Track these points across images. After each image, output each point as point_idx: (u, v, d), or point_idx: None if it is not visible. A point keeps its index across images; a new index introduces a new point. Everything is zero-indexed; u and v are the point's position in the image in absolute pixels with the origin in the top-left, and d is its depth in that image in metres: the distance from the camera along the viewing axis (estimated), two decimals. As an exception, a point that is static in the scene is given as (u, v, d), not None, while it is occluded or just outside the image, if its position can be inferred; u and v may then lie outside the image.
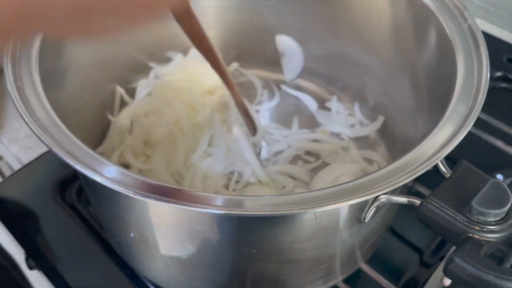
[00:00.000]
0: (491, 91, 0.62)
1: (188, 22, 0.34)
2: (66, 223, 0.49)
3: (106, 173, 0.27)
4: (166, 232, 0.32)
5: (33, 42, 0.34)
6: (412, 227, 0.50)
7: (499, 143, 0.55)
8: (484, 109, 0.59)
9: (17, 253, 0.52)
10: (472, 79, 0.34)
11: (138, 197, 0.25)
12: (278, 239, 0.31)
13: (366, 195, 0.26)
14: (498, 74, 0.64)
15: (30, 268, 0.52)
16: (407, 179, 0.28)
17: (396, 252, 0.49)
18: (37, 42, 0.34)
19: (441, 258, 0.47)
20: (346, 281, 0.43)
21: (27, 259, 0.51)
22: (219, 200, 0.26)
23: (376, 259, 0.46)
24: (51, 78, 0.34)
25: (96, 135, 0.49)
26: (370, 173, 0.28)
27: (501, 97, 0.63)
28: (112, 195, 0.32)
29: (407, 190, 0.41)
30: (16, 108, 0.30)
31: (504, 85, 0.64)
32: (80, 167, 0.27)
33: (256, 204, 0.26)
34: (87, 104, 0.45)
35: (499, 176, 0.54)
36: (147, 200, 0.25)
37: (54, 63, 0.37)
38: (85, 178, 0.33)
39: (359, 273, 0.45)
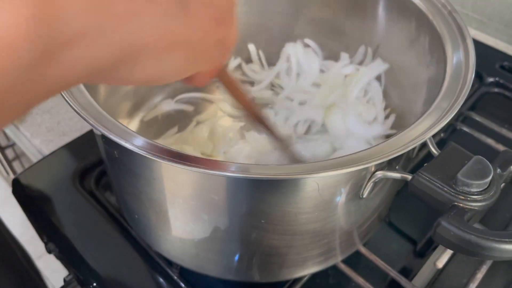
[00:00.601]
0: (485, 95, 0.67)
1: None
2: (85, 208, 0.53)
3: (136, 143, 0.30)
4: (184, 202, 0.35)
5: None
6: (407, 221, 0.54)
7: (490, 141, 0.59)
8: (477, 111, 0.64)
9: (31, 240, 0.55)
10: (459, 74, 0.38)
11: (163, 161, 0.29)
12: (284, 209, 0.34)
13: (363, 164, 0.30)
14: (491, 79, 0.68)
15: (49, 251, 0.56)
16: (401, 151, 0.31)
17: (393, 242, 0.52)
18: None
19: (434, 249, 0.51)
20: (345, 262, 0.47)
21: (46, 243, 0.55)
22: (233, 166, 0.30)
23: (374, 246, 0.50)
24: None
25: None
26: (366, 149, 0.32)
27: (493, 101, 0.67)
28: (136, 168, 0.35)
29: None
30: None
31: (496, 90, 0.68)
32: (113, 136, 0.31)
33: (266, 171, 0.30)
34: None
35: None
36: (171, 164, 0.29)
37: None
38: (111, 154, 0.37)
39: (357, 255, 0.48)
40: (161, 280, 0.47)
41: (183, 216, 0.37)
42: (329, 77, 0.55)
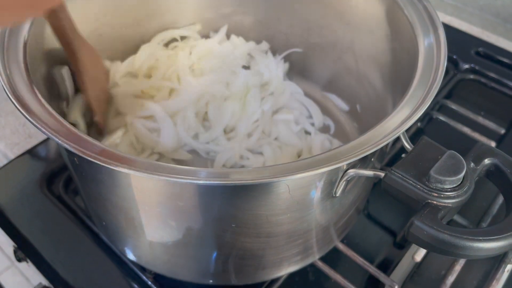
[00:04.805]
0: (460, 82, 0.67)
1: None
2: (53, 214, 0.51)
3: (94, 151, 0.29)
4: (150, 210, 0.34)
5: (19, 33, 0.36)
6: (386, 211, 0.53)
7: (466, 130, 0.58)
8: (453, 99, 0.63)
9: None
10: (431, 62, 0.37)
11: (122, 170, 0.27)
12: (255, 212, 0.33)
13: (334, 164, 0.29)
14: (466, 66, 0.68)
15: (19, 260, 0.54)
16: (372, 149, 0.30)
17: (371, 235, 0.51)
18: (23, 33, 0.36)
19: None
20: (323, 259, 0.46)
21: (15, 251, 0.53)
22: (201, 172, 0.28)
23: (352, 241, 0.49)
24: (36, 65, 0.36)
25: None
26: (337, 147, 0.31)
27: (469, 88, 0.66)
28: (98, 175, 0.34)
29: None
30: (7, 95, 0.31)
31: (472, 76, 0.67)
32: (68, 145, 0.29)
33: (233, 176, 0.29)
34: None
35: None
36: (131, 172, 0.27)
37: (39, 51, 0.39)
38: (72, 160, 0.35)
39: (335, 252, 0.47)
40: (135, 286, 0.45)
41: (150, 223, 0.36)
42: None
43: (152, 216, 0.35)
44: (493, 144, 0.57)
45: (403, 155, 0.57)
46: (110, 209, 0.37)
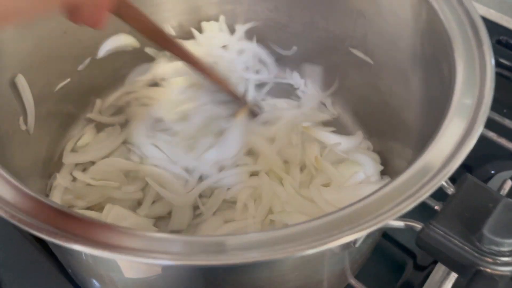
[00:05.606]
0: (481, 77, 0.59)
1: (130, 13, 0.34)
2: (17, 242, 0.43)
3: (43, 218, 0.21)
4: (116, 276, 0.27)
5: None
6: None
7: (492, 135, 0.51)
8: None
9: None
10: (474, 81, 0.30)
11: (76, 247, 0.20)
12: (254, 276, 0.26)
13: (354, 232, 0.22)
14: (488, 58, 0.60)
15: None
16: (408, 206, 0.23)
17: (389, 257, 0.45)
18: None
19: (435, 261, 0.43)
20: (333, 300, 0.39)
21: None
22: (175, 246, 0.21)
23: (366, 272, 0.42)
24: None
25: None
26: (364, 198, 0.24)
27: (491, 83, 0.59)
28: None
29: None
30: None
31: (495, 70, 0.60)
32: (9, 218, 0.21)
33: (223, 247, 0.21)
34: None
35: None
36: (86, 251, 0.20)
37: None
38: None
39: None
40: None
41: (121, 285, 0.28)
42: None
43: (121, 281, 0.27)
44: (522, 151, 0.50)
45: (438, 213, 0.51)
46: (73, 263, 0.30)
